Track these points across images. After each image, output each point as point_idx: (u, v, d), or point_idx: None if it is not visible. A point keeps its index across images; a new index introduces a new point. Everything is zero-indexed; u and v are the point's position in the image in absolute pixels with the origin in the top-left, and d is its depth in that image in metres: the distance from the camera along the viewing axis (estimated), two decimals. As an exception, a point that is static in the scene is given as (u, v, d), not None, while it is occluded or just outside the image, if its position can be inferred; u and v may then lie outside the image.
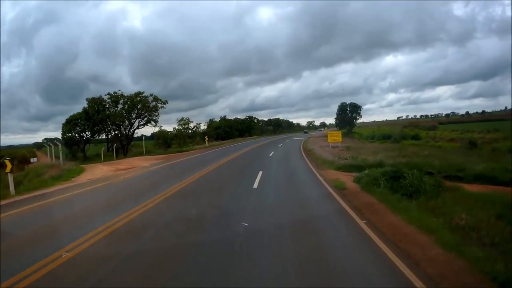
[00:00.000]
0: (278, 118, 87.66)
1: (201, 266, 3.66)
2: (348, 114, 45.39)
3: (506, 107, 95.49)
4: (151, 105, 26.20)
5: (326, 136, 47.05)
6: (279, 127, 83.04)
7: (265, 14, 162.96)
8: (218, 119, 54.08)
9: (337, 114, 46.01)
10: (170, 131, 36.82)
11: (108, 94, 26.18)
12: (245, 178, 10.46)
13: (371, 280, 3.33)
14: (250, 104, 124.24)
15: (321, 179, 9.75)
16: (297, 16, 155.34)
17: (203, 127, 49.49)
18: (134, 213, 6.03)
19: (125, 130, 26.44)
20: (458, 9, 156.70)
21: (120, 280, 3.42)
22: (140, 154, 23.31)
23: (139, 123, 26.83)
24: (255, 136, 56.50)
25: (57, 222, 5.92)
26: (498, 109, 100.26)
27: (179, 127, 40.77)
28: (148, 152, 23.15)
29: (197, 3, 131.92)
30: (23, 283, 3.39)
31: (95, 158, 22.84)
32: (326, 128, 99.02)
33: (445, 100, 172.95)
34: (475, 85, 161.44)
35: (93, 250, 4.23)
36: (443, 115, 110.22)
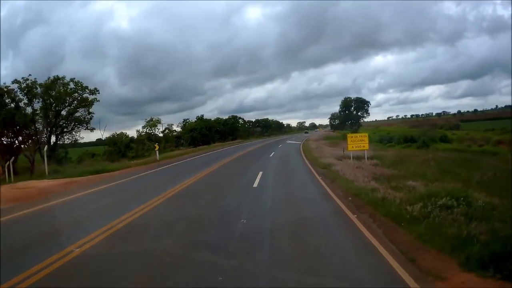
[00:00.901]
0: (267, 119, 78.88)
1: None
2: (352, 111, 37.59)
3: (497, 106, 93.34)
4: (77, 97, 17.55)
5: (325, 138, 43.83)
6: (268, 128, 74.71)
7: (254, 14, 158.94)
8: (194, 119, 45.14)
9: (339, 112, 38.74)
10: (130, 136, 28.30)
11: (16, 81, 17.37)
12: None
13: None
14: (239, 105, 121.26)
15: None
16: (286, 15, 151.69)
17: (176, 129, 40.99)
18: None
19: (41, 135, 17.62)
20: (449, 9, 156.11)
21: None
22: (57, 173, 14.58)
23: (64, 125, 18.09)
24: (239, 140, 48.01)
25: None
26: (486, 108, 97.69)
27: (145, 129, 32.42)
28: (56, 172, 14.24)
29: (185, 2, 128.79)
30: None
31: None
32: (320, 128, 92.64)
33: (434, 99, 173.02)
34: (464, 85, 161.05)
35: None
36: (434, 114, 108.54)
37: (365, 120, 38.23)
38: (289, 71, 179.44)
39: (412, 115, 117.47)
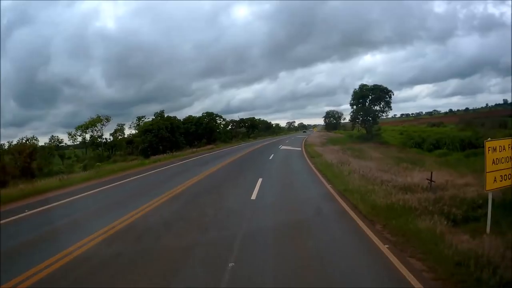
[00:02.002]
0: (253, 118, 67.27)
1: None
2: (368, 104, 28.84)
3: (487, 104, 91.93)
4: None
5: (332, 142, 38.14)
6: (254, 129, 64.64)
7: (241, 13, 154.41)
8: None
9: (351, 104, 30.56)
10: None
11: None
12: None
13: None
14: (226, 106, 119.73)
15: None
16: (274, 14, 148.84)
17: (129, 131, 31.77)
18: None
19: None
20: (439, 7, 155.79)
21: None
22: None
23: None
24: (211, 146, 32.16)
25: None
26: (476, 106, 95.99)
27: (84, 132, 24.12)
28: None
29: (171, 2, 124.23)
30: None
31: None
32: (315, 129, 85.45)
33: (422, 98, 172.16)
34: (452, 84, 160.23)
35: None
36: (424, 113, 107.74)
37: (388, 116, 30.77)
38: (276, 71, 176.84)
39: (402, 114, 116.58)
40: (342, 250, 4.46)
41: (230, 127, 53.05)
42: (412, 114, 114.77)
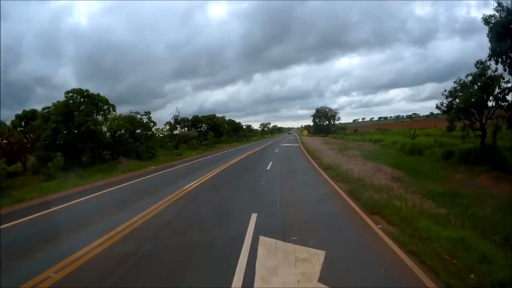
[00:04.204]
0: (214, 116, 45.88)
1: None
2: None
3: None
4: None
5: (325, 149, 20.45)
6: (215, 131, 44.13)
7: (217, 11, 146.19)
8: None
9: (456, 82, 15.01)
10: None
11: None
12: None
13: None
14: (199, 108, 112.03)
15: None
16: (251, 14, 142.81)
17: None
18: None
19: None
20: (421, 9, 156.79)
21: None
22: None
23: None
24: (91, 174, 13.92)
25: None
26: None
27: None
28: None
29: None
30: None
31: None
32: (304, 131, 69.10)
33: (397, 102, 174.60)
34: (429, 88, 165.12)
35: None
36: (404, 116, 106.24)
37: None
38: (251, 72, 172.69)
39: (379, 118, 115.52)
40: None
41: (167, 130, 33.89)
42: (390, 117, 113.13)
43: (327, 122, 57.64)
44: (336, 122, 58.15)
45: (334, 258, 3.89)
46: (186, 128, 37.98)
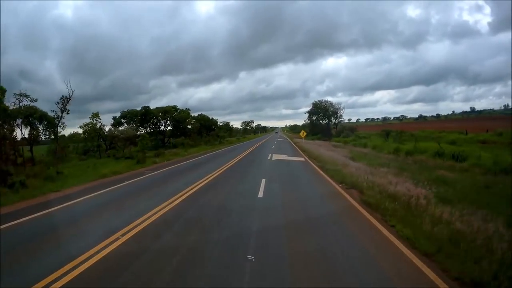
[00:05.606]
0: (175, 107, 36.36)
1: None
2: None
3: (453, 111, 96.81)
4: None
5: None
6: (181, 130, 36.70)
7: (204, 7, 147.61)
8: None
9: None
10: None
11: None
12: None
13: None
14: (183, 105, 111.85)
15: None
16: (238, 10, 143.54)
17: None
18: None
19: None
20: (413, 11, 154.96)
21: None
22: None
23: None
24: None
25: None
26: (440, 113, 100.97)
27: None
28: None
29: None
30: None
31: None
32: (302, 134, 51.41)
33: (383, 104, 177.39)
34: (415, 90, 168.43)
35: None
36: (392, 118, 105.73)
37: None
38: (237, 70, 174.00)
39: (366, 119, 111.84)
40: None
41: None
42: (377, 118, 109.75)
43: (327, 121, 44.76)
44: (335, 121, 45.57)
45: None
46: (126, 126, 31.07)
